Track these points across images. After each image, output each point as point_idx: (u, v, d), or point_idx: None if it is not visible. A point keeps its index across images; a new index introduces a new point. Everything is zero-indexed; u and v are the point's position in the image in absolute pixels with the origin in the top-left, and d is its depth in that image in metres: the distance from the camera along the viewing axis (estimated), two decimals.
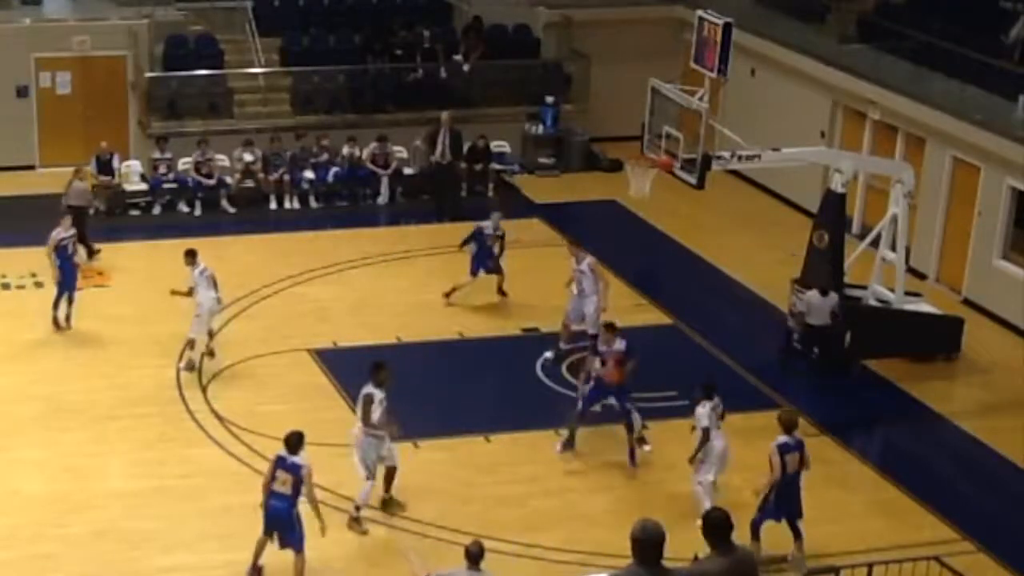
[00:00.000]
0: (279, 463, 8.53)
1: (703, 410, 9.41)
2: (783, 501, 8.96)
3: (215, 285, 11.36)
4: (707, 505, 9.21)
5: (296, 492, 8.47)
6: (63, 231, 11.98)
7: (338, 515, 9.57)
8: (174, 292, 11.47)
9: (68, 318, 12.07)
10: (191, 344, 11.44)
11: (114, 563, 9.00)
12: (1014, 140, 12.88)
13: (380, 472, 9.44)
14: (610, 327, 10.22)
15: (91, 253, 13.47)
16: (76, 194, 13.44)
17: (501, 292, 12.90)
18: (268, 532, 8.59)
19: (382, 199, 15.65)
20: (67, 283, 11.95)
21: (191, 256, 11.38)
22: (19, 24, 16.00)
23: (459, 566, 7.52)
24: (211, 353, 11.59)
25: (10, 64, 15.72)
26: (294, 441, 8.51)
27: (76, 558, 9.00)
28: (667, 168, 11.98)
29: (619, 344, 10.11)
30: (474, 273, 12.78)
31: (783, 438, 8.91)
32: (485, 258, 12.74)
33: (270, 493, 8.50)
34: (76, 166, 14.01)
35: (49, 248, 11.87)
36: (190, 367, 11.40)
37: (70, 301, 12.04)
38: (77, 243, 12.27)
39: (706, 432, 9.38)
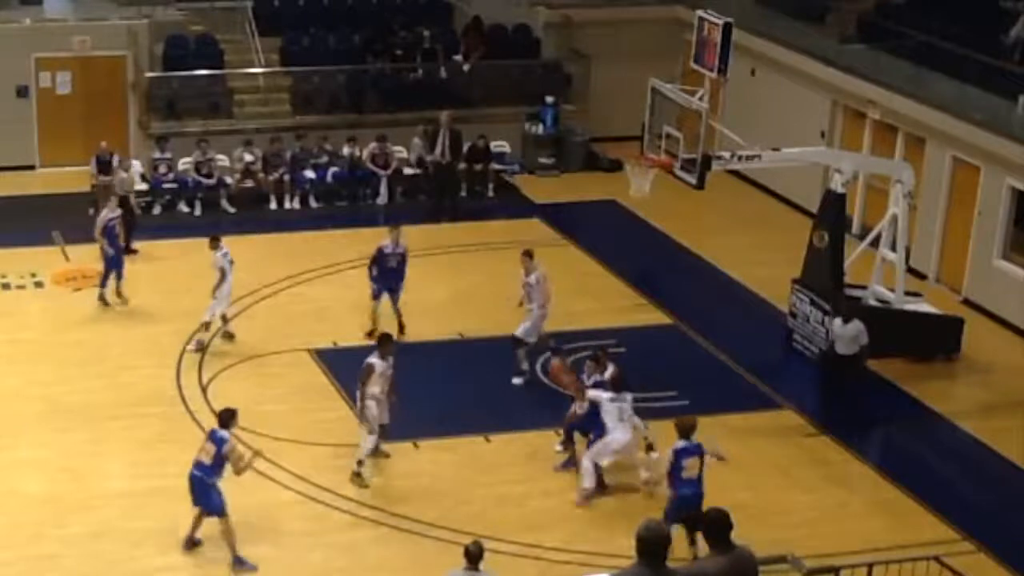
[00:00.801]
0: (209, 434, 8.86)
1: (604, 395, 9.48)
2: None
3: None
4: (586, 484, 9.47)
5: (216, 464, 8.71)
6: (110, 212, 12.56)
7: (338, 515, 9.58)
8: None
9: (120, 292, 12.58)
10: (205, 326, 11.71)
11: (113, 563, 9.00)
12: (1014, 140, 12.88)
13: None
14: (596, 359, 9.94)
15: (128, 246, 13.61)
16: (119, 184, 13.73)
17: (399, 325, 11.83)
18: (194, 502, 8.85)
19: (382, 199, 15.65)
20: (116, 261, 12.51)
21: (215, 240, 11.78)
22: (19, 24, 15.99)
23: (458, 567, 7.52)
24: (230, 335, 11.90)
25: (10, 64, 15.72)
26: (225, 417, 8.85)
27: (75, 558, 9.00)
28: (667, 168, 11.97)
29: (611, 370, 9.90)
30: (376, 296, 11.97)
31: (682, 443, 8.81)
32: (387, 278, 11.94)
33: (194, 463, 8.80)
34: (120, 156, 14.32)
35: (98, 231, 12.46)
36: (199, 347, 11.66)
37: (119, 277, 12.58)
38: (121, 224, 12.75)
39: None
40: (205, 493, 8.76)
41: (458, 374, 11.65)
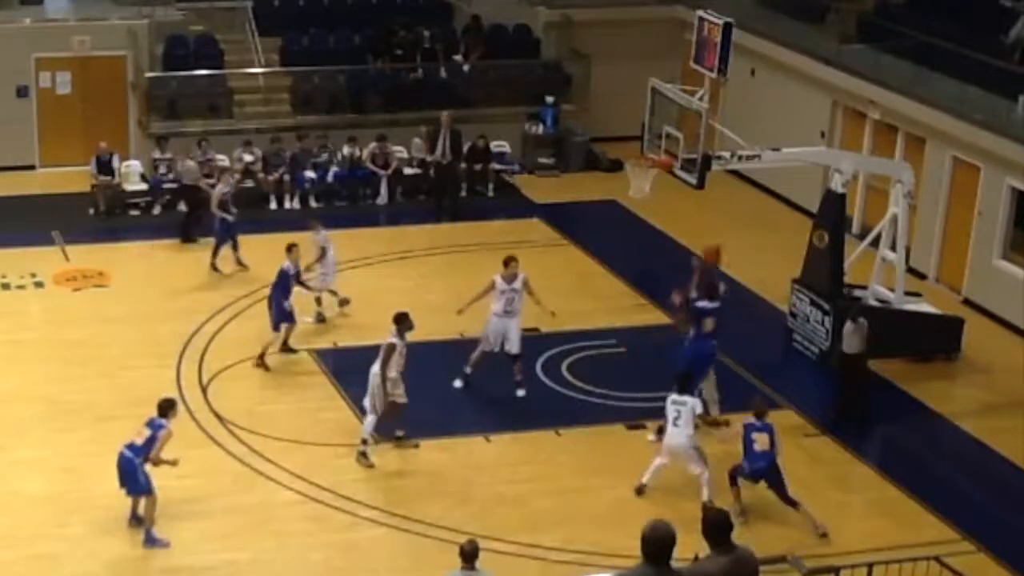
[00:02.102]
0: (148, 422, 9.03)
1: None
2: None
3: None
4: (643, 479, 9.61)
5: (146, 447, 8.90)
6: (224, 187, 13.35)
7: (338, 515, 9.59)
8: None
9: (239, 260, 13.26)
10: (319, 300, 12.27)
11: (114, 563, 9.01)
12: (1014, 140, 12.88)
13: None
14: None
15: (188, 237, 13.97)
16: (185, 172, 13.94)
17: (285, 349, 11.49)
18: (120, 483, 9.01)
19: (382, 199, 15.66)
20: (229, 231, 13.22)
21: (316, 221, 12.45)
22: (19, 24, 15.99)
23: (456, 568, 7.51)
24: (346, 300, 12.47)
25: (10, 64, 15.72)
26: (165, 406, 9.06)
27: (76, 558, 9.00)
28: (667, 168, 11.98)
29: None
30: (275, 328, 11.45)
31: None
32: (284, 300, 11.36)
33: (126, 445, 8.98)
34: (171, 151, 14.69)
35: (214, 204, 13.23)
36: (320, 319, 12.28)
37: (235, 247, 13.28)
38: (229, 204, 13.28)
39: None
40: (132, 474, 8.95)
41: (458, 374, 11.64)
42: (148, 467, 8.95)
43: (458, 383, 11.22)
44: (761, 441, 9.45)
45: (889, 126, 14.76)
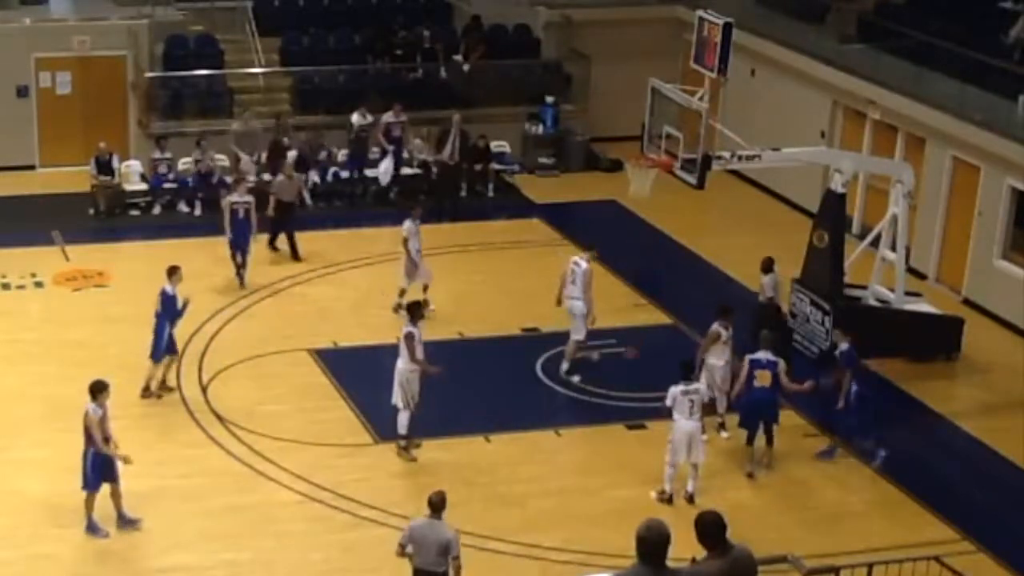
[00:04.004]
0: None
1: (675, 389, 9.69)
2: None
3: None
4: (667, 488, 9.55)
5: (88, 437, 8.95)
6: (237, 196, 13.01)
7: (338, 515, 9.59)
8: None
9: (242, 270, 12.93)
10: (401, 292, 12.39)
11: (114, 563, 9.01)
12: (1014, 140, 12.89)
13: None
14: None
15: (296, 254, 13.72)
16: (281, 188, 13.70)
17: (163, 387, 10.93)
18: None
19: (384, 176, 15.24)
20: (236, 240, 12.86)
21: (415, 210, 12.55)
22: (19, 24, 15.99)
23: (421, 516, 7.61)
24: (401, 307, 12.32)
25: (10, 64, 15.72)
26: (93, 389, 9.06)
27: (76, 558, 9.02)
28: (667, 168, 11.98)
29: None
30: (156, 357, 10.88)
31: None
32: (164, 330, 10.82)
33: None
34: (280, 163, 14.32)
35: (226, 218, 12.84)
36: (397, 309, 12.30)
37: (243, 258, 12.91)
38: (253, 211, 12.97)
39: (669, 411, 9.66)
40: (83, 471, 9.03)
41: (458, 374, 11.65)
42: (112, 456, 9.02)
43: (576, 378, 11.43)
44: (762, 377, 9.75)
45: (889, 126, 14.76)
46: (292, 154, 14.79)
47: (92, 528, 9.15)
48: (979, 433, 11.18)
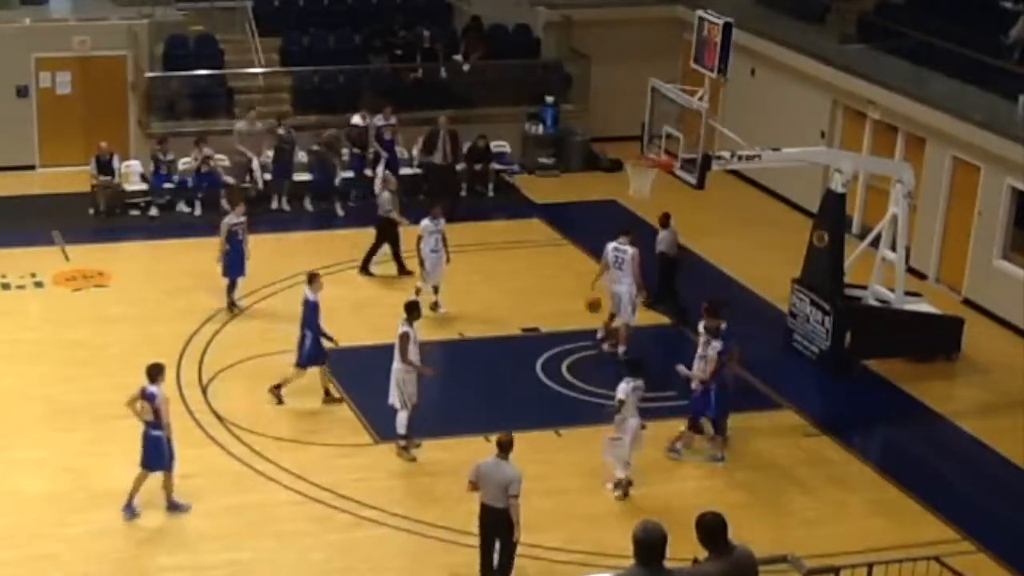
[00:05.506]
0: (142, 393, 9.29)
1: (624, 386, 9.69)
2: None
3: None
4: (620, 475, 9.65)
5: (158, 420, 9.24)
6: (235, 217, 12.47)
7: (338, 515, 9.59)
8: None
9: (231, 303, 12.44)
10: (435, 290, 12.54)
11: (115, 563, 9.02)
12: (1014, 140, 12.89)
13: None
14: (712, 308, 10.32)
15: (404, 267, 13.41)
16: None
17: (328, 398, 10.87)
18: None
19: (377, 182, 15.19)
20: (234, 266, 12.32)
21: (438, 210, 12.60)
22: (19, 24, 16.01)
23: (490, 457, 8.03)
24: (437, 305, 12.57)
25: (10, 64, 15.73)
26: (154, 372, 9.29)
27: (77, 558, 9.02)
28: (667, 168, 11.98)
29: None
30: (300, 363, 10.76)
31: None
32: (307, 338, 10.65)
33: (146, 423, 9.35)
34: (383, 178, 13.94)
35: (222, 234, 12.26)
36: (435, 307, 12.48)
37: (233, 282, 12.44)
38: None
39: (620, 404, 9.67)
40: (159, 450, 9.20)
41: (458, 374, 11.66)
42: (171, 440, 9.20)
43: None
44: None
45: (889, 126, 14.76)
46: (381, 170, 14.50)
47: (129, 509, 9.26)
48: (979, 433, 11.18)
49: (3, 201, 15.17)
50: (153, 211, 15.10)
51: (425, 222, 12.53)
